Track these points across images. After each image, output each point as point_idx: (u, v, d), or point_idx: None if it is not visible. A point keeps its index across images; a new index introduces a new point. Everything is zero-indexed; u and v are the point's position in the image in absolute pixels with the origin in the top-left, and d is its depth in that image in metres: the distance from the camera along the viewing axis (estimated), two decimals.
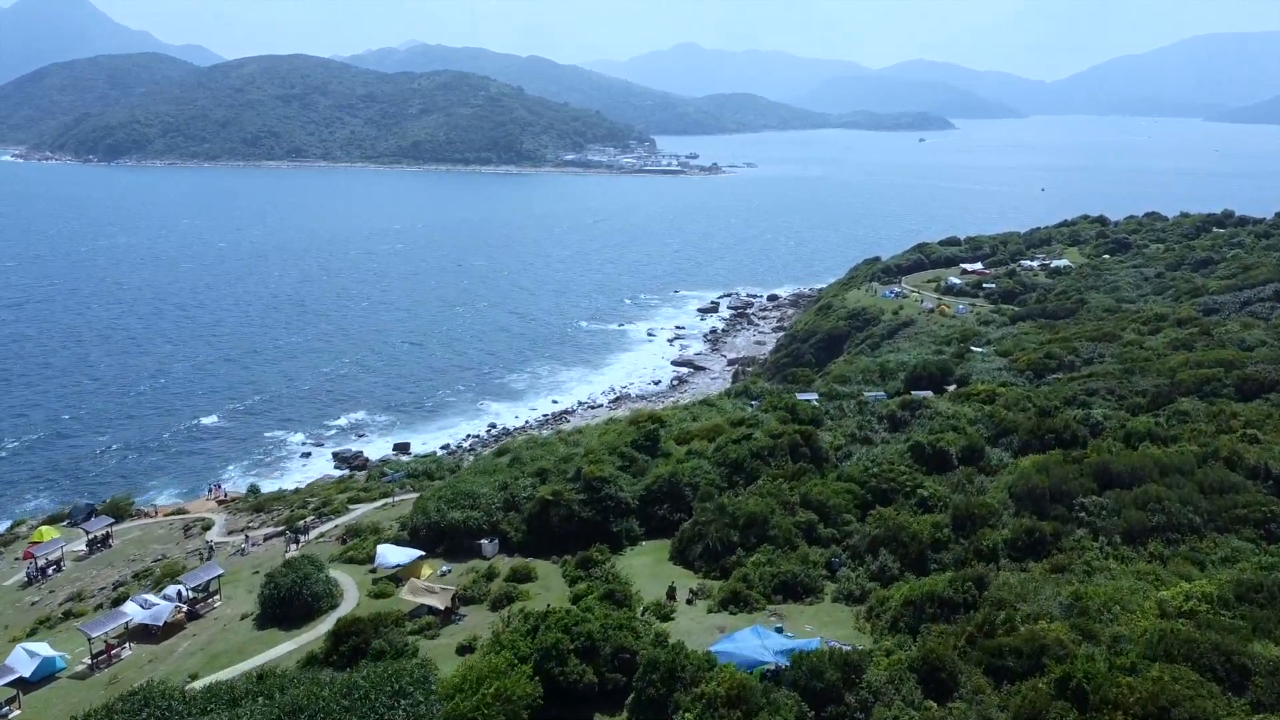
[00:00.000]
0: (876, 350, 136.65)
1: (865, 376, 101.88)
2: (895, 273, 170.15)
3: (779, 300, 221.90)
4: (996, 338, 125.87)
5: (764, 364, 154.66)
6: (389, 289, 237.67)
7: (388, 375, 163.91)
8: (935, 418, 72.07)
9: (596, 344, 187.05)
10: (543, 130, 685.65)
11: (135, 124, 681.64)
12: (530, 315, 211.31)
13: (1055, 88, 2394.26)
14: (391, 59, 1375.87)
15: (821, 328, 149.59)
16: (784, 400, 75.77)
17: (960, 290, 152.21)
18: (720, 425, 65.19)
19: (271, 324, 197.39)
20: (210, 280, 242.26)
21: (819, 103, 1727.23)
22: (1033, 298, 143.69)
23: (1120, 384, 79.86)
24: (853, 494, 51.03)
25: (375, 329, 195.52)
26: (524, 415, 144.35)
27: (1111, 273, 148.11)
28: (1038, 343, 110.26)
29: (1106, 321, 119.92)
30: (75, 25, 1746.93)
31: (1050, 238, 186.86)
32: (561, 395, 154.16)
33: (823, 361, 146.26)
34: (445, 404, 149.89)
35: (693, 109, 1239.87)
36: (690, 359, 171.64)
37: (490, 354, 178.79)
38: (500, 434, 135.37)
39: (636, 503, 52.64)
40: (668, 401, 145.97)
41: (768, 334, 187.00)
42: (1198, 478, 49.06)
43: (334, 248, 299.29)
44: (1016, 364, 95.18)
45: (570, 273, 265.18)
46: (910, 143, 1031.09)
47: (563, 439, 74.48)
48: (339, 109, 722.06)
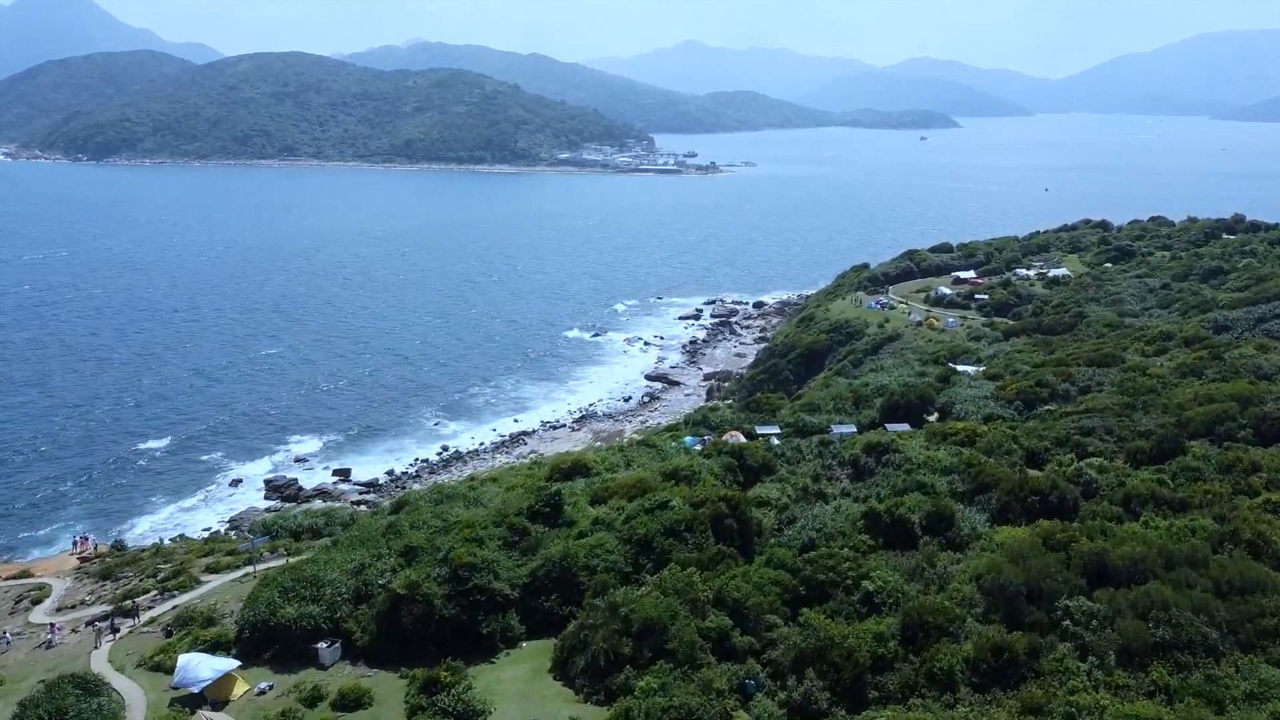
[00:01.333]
0: (859, 367, 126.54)
1: (837, 404, 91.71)
2: (882, 282, 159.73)
3: (765, 308, 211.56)
4: (987, 355, 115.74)
5: (739, 380, 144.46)
6: (366, 295, 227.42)
7: (346, 391, 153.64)
8: (904, 465, 62.11)
9: (569, 355, 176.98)
10: (538, 129, 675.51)
11: (126, 122, 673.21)
12: (503, 323, 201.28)
13: (1060, 86, 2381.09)
14: (392, 57, 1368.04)
15: (801, 342, 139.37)
16: (730, 446, 65.67)
17: (951, 302, 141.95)
18: (646, 480, 55.11)
19: (246, 334, 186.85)
20: (188, 287, 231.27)
21: (822, 101, 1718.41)
22: (1028, 310, 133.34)
23: (1120, 422, 69.62)
24: (782, 586, 40.90)
25: (348, 339, 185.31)
26: (482, 436, 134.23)
27: (1113, 283, 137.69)
28: (1030, 364, 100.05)
29: (1106, 340, 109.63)
30: (76, 23, 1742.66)
31: (1049, 244, 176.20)
32: (524, 414, 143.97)
33: (802, 378, 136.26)
34: (398, 423, 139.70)
35: (694, 107, 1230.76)
36: (664, 373, 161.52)
37: (457, 366, 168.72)
38: (451, 457, 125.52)
39: (518, 593, 42.66)
40: (634, 421, 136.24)
41: (749, 345, 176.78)
42: (1214, 572, 38.88)
43: (316, 251, 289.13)
44: (1005, 392, 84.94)
45: (551, 277, 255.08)
46: (912, 141, 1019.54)
47: (471, 487, 64.46)
48: (333, 107, 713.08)
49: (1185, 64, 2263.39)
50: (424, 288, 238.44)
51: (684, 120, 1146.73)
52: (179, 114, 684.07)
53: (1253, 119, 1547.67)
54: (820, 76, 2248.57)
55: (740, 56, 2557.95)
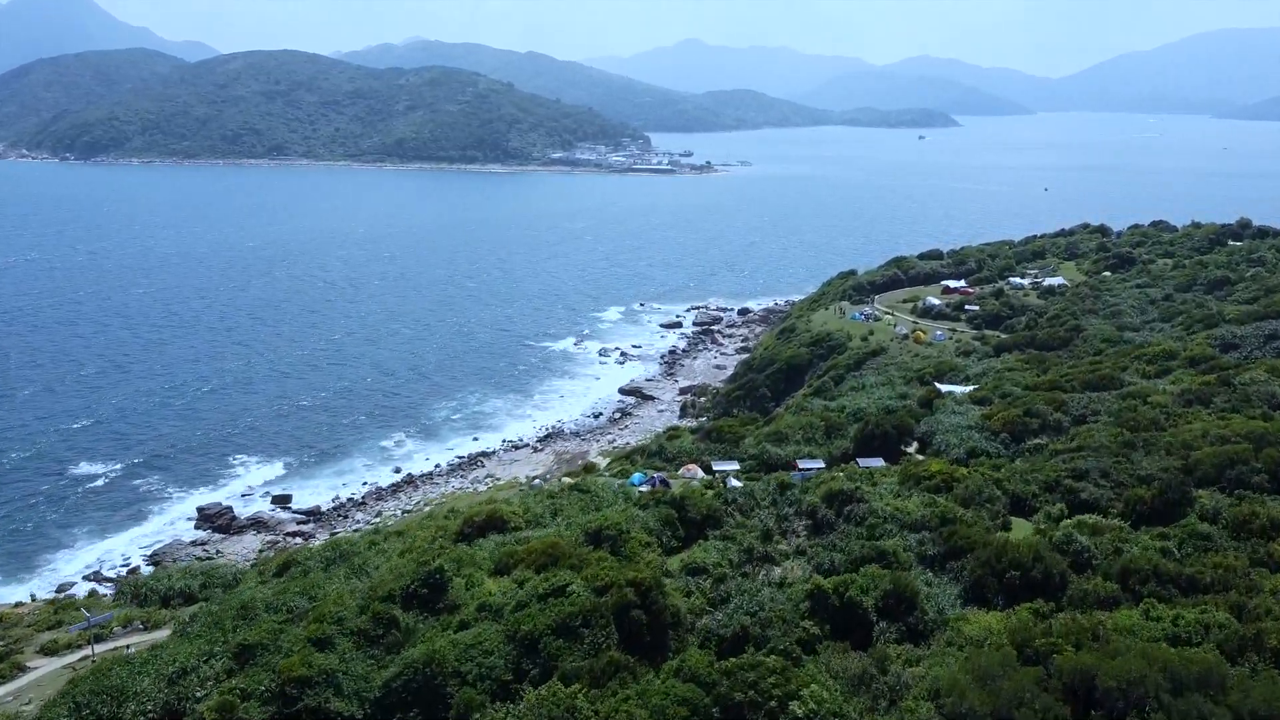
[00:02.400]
0: (840, 384, 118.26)
1: (807, 433, 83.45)
2: (868, 290, 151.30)
3: (750, 315, 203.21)
4: (976, 373, 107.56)
5: (714, 396, 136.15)
6: (346, 301, 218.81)
7: (311, 406, 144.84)
8: (867, 519, 53.92)
9: (543, 367, 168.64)
10: (531, 128, 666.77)
11: (114, 121, 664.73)
12: (481, 332, 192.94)
13: (1061, 84, 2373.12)
14: (389, 55, 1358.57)
15: (780, 356, 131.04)
16: (670, 495, 57.37)
17: (939, 313, 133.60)
18: (560, 546, 46.75)
19: (216, 344, 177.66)
20: (163, 292, 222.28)
21: (823, 99, 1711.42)
22: (1021, 323, 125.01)
23: (1118, 464, 61.31)
24: (690, 708, 32.58)
25: (323, 348, 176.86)
26: (440, 457, 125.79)
27: (1112, 293, 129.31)
28: (1021, 384, 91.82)
29: (1104, 358, 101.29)
30: (74, 21, 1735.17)
31: (1045, 250, 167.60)
32: (487, 432, 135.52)
33: (780, 394, 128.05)
34: (356, 441, 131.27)
35: (692, 105, 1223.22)
36: (639, 386, 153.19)
37: (427, 379, 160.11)
38: (403, 481, 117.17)
39: (368, 709, 34.39)
40: (601, 441, 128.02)
41: (730, 355, 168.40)
42: (1233, 698, 30.62)
43: (299, 254, 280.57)
44: (991, 422, 76.63)
45: (535, 281, 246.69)
46: (910, 140, 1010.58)
47: (371, 542, 56.13)
48: (324, 105, 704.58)
49: (1186, 63, 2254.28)
50: (407, 293, 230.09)
51: (682, 119, 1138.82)
52: (168, 113, 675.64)
53: (1254, 118, 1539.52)
54: (820, 75, 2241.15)
55: (740, 55, 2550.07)
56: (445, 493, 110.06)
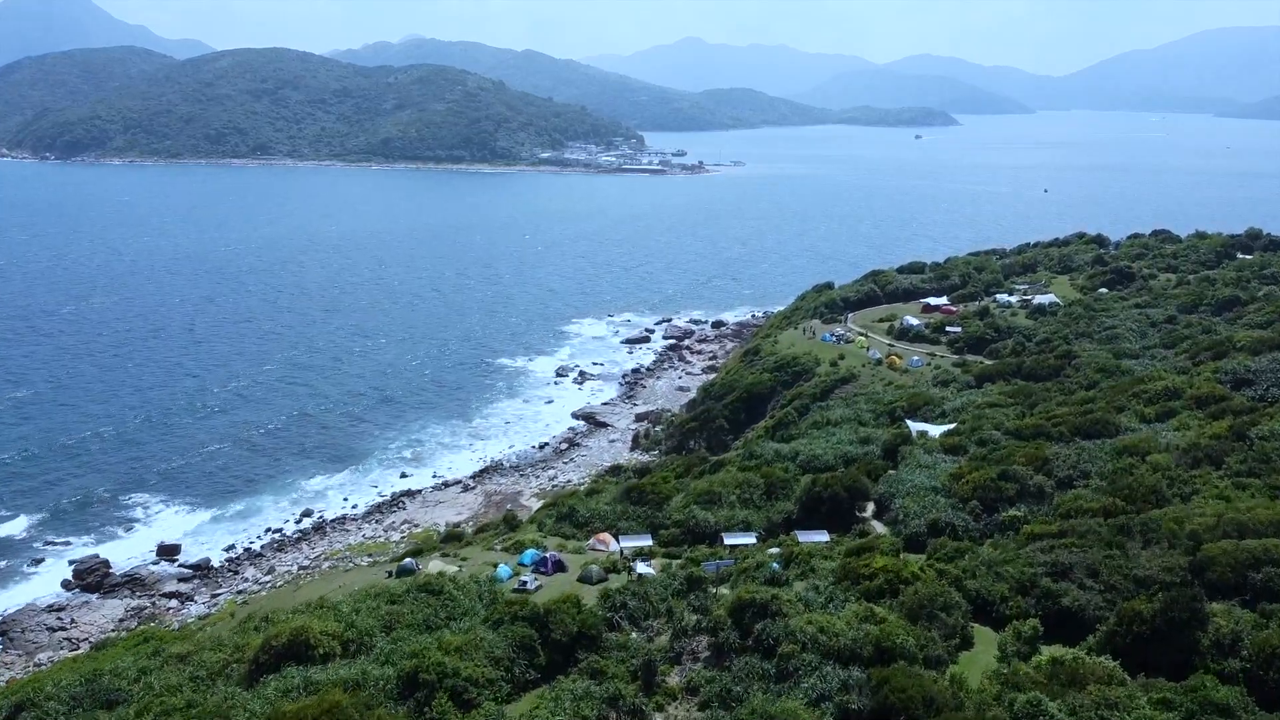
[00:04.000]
0: (804, 416, 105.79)
1: (744, 493, 70.83)
2: (841, 308, 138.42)
3: (724, 329, 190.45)
4: (953, 408, 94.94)
5: (670, 424, 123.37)
6: (300, 312, 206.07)
7: (232, 433, 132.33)
8: (781, 647, 41.46)
9: (492, 388, 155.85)
10: (520, 127, 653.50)
11: (96, 120, 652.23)
12: (436, 346, 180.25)
13: (1062, 83, 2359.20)
14: (386, 53, 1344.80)
15: (741, 382, 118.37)
16: (534, 609, 44.68)
17: (918, 334, 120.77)
18: (340, 707, 34.22)
19: (142, 360, 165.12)
20: (118, 308, 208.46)
21: (823, 98, 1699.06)
22: (1007, 348, 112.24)
23: (1109, 559, 48.71)
24: None
25: (265, 366, 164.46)
26: (359, 497, 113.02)
27: (1109, 314, 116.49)
28: (1001, 431, 79.25)
29: (1099, 394, 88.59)
30: (70, 19, 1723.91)
31: (1036, 262, 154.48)
32: (419, 466, 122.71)
33: (740, 425, 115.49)
34: (271, 476, 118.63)
35: (688, 104, 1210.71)
36: (592, 411, 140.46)
37: (362, 403, 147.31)
38: (312, 527, 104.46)
39: None
40: (541, 478, 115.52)
41: (696, 375, 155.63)
42: None
43: (258, 259, 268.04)
44: (960, 487, 63.94)
45: (503, 290, 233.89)
46: (907, 139, 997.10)
47: (142, 671, 43.62)
48: (311, 104, 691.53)
49: (1188, 61, 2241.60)
50: (366, 302, 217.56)
51: (678, 118, 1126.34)
52: (152, 111, 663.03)
53: (1256, 116, 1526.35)
54: (821, 73, 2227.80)
55: (740, 53, 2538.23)
56: (351, 544, 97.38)
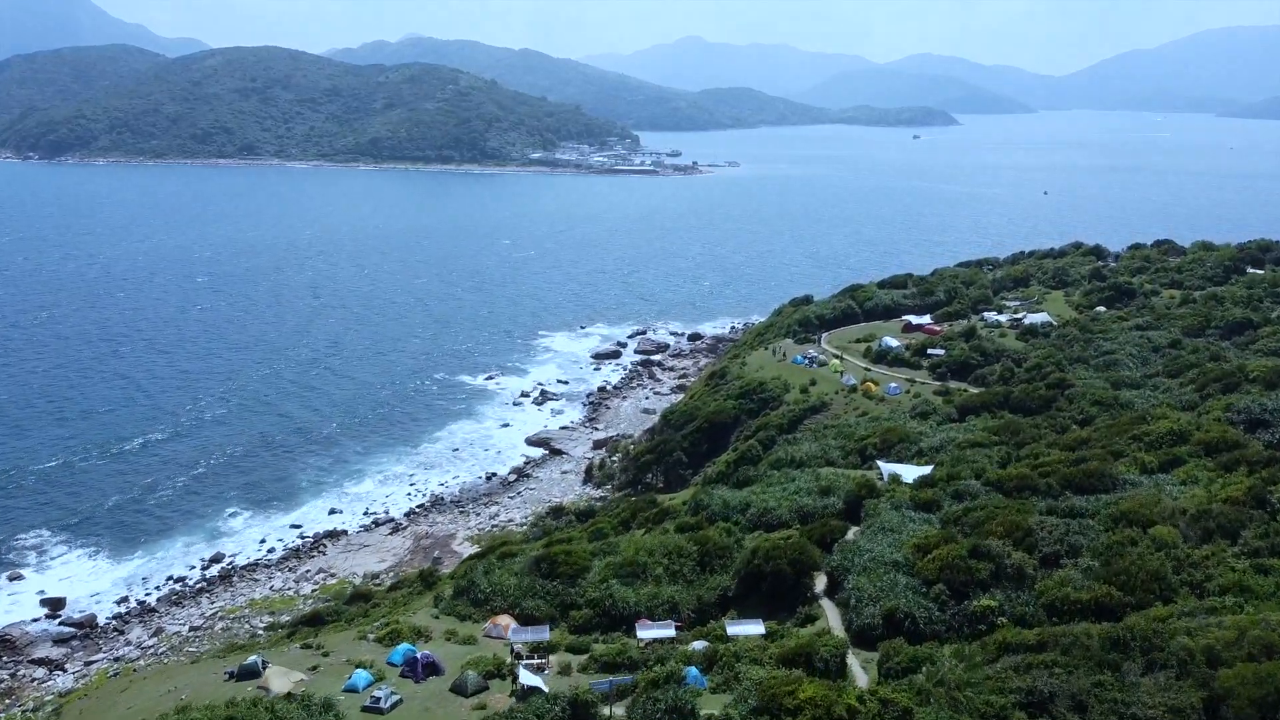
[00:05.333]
0: (769, 450, 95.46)
1: (674, 563, 60.26)
2: (816, 326, 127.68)
3: (700, 342, 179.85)
4: (932, 445, 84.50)
5: (626, 457, 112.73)
6: (264, 318, 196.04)
7: (159, 460, 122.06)
8: None
9: (446, 408, 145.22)
10: (511, 126, 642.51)
11: (80, 119, 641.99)
12: (398, 360, 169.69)
13: (1063, 82, 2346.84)
14: (383, 52, 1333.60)
15: (702, 411, 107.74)
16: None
17: (897, 357, 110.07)
18: None
19: (85, 380, 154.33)
20: (73, 320, 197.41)
21: (823, 97, 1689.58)
22: (994, 374, 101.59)
23: (1101, 689, 38.15)
24: None
25: (214, 379, 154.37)
26: (279, 537, 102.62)
27: (1107, 336, 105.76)
28: (982, 480, 68.73)
29: (1094, 435, 78.01)
30: (66, 17, 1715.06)
31: (1029, 275, 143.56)
32: (353, 500, 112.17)
33: (700, 457, 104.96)
34: (184, 513, 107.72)
35: (686, 103, 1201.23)
36: (548, 437, 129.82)
37: (300, 423, 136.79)
38: (222, 573, 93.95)
39: None
40: (482, 515, 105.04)
41: (665, 395, 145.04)
42: None
43: (226, 266, 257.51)
44: (925, 566, 53.32)
45: (478, 298, 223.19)
46: (905, 139, 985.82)
47: None
48: (300, 103, 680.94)
49: (1190, 60, 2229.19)
50: (335, 309, 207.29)
51: (675, 117, 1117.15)
52: (138, 110, 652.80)
53: (1259, 116, 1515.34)
54: (821, 72, 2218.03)
55: (740, 52, 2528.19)
56: (256, 599, 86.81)
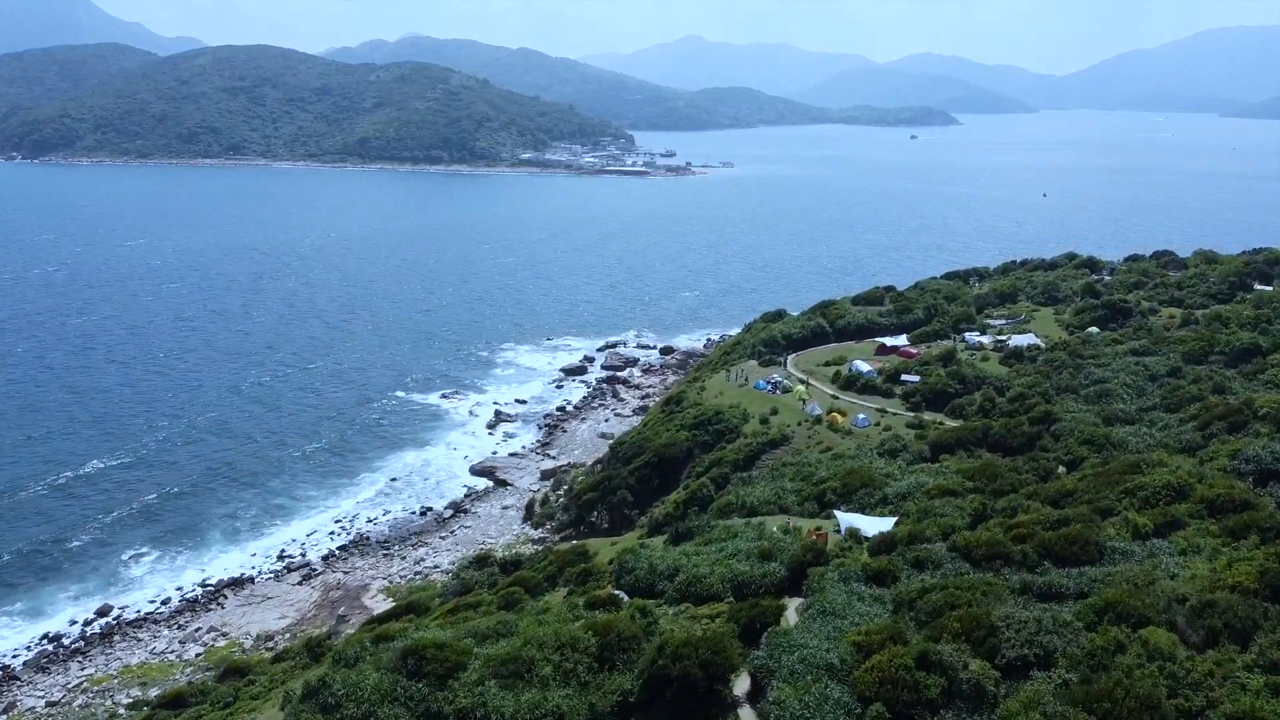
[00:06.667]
0: (723, 489, 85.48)
1: (565, 658, 49.88)
2: (783, 347, 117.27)
3: (671, 356, 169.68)
4: (898, 491, 74.17)
5: (569, 493, 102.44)
6: (219, 330, 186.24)
7: (44, 495, 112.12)
8: None
9: (390, 431, 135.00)
10: (502, 126, 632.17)
11: (65, 118, 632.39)
12: (341, 378, 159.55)
13: (1065, 82, 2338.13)
14: (380, 51, 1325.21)
15: (652, 442, 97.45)
16: None
17: (868, 384, 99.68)
18: None
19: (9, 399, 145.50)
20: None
21: (823, 97, 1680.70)
22: (974, 404, 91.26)
23: None
24: None
25: (156, 399, 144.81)
26: (178, 582, 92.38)
27: (1100, 361, 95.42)
28: (949, 544, 58.35)
29: (1081, 486, 67.52)
30: (63, 15, 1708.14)
31: (1017, 289, 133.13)
32: (264, 542, 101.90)
33: (648, 495, 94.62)
34: (79, 555, 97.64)
35: (684, 103, 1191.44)
36: (495, 465, 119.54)
37: (231, 449, 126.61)
38: (104, 631, 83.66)
39: None
40: (409, 559, 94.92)
41: (626, 416, 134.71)
42: None
43: (190, 270, 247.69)
44: (863, 678, 42.94)
45: (441, 308, 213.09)
46: (903, 139, 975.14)
47: None
48: (289, 102, 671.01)
49: (1192, 60, 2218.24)
50: (309, 319, 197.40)
51: (673, 117, 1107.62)
52: (124, 110, 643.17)
53: (1260, 116, 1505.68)
54: (822, 72, 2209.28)
55: (741, 52, 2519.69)
56: (131, 665, 76.58)
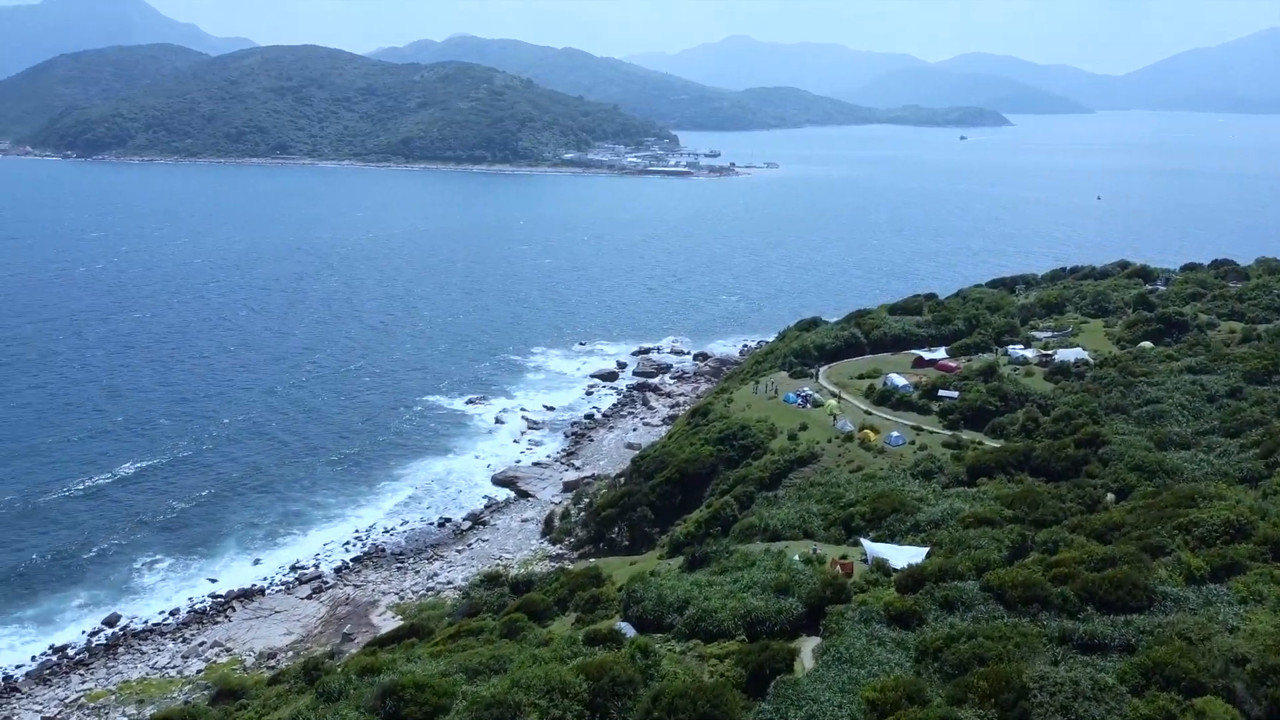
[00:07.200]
0: (748, 508, 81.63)
1: (556, 705, 46.21)
2: (815, 358, 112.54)
3: (706, 362, 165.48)
4: (930, 519, 69.56)
5: (589, 505, 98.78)
6: (256, 332, 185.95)
7: (52, 499, 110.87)
8: None
9: (413, 437, 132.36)
10: (545, 126, 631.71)
11: (118, 118, 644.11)
12: (369, 381, 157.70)
13: (1121, 82, 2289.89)
14: (427, 51, 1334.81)
15: (675, 458, 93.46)
16: None
17: (903, 399, 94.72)
18: None
19: (49, 399, 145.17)
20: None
21: (871, 97, 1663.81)
22: (1016, 424, 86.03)
23: None
24: None
25: (191, 400, 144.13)
26: (186, 594, 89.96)
27: (1153, 380, 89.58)
28: (981, 584, 53.83)
29: (1130, 519, 62.45)
30: (118, 17, 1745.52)
31: (1065, 300, 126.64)
32: (277, 551, 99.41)
33: (670, 512, 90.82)
34: (93, 562, 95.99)
35: (729, 103, 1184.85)
36: (518, 475, 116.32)
37: (252, 456, 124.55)
38: (109, 641, 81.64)
39: None
40: (422, 574, 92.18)
41: (655, 426, 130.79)
42: None
43: (233, 269, 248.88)
44: None
45: (475, 309, 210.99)
46: (952, 140, 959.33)
47: None
48: (334, 102, 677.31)
49: (1253, 59, 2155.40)
50: (339, 320, 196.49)
51: (718, 117, 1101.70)
52: (174, 109, 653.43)
53: None
54: (870, 72, 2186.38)
55: (788, 51, 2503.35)
56: (131, 680, 74.30)
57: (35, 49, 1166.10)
